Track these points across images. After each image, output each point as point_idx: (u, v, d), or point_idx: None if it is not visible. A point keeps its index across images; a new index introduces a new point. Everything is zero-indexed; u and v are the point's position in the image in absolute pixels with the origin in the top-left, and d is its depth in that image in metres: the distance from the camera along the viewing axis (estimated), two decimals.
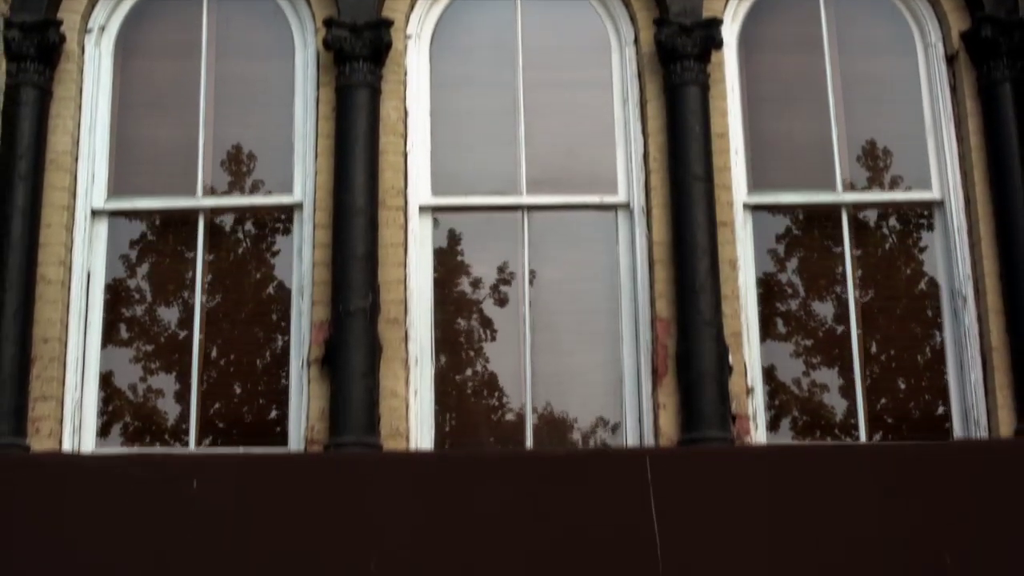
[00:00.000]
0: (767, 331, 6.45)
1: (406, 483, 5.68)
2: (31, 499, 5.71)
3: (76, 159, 6.49)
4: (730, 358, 6.18)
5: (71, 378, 6.26)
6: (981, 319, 6.33)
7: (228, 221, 6.56)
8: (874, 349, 6.47)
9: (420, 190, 6.50)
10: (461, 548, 5.55)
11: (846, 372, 6.41)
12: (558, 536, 5.58)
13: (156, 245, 6.56)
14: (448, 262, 6.51)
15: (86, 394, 6.30)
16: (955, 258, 6.45)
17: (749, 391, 6.24)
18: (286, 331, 6.37)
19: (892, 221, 6.64)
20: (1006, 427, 6.12)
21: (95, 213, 6.48)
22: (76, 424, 6.22)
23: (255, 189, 6.58)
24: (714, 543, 5.63)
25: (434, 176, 6.55)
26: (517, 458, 5.84)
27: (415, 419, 6.20)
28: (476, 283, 6.50)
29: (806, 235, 6.61)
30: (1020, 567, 5.54)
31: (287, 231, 6.50)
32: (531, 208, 6.55)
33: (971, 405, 6.27)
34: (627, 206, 6.50)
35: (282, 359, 6.36)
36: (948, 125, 6.59)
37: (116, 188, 6.56)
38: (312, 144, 6.47)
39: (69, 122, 6.49)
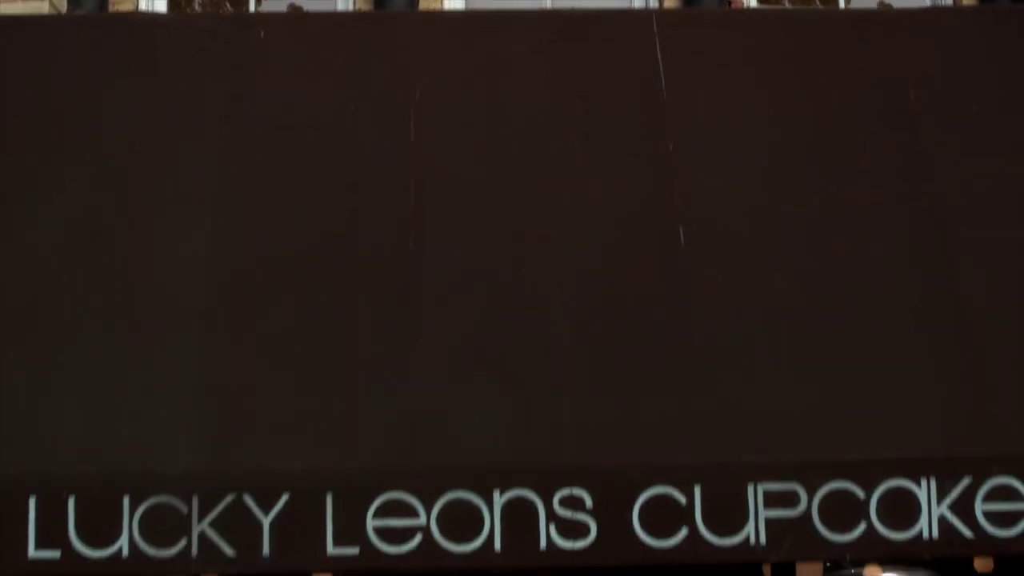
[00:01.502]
0: None
1: (442, 33, 6.55)
2: (114, 51, 6.56)
3: None
4: None
5: None
6: None
7: None
8: None
9: None
10: (488, 85, 6.41)
11: None
12: (576, 78, 6.42)
13: None
14: None
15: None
16: None
17: None
18: None
19: None
20: None
21: None
22: None
23: None
24: (713, 90, 6.44)
25: None
26: (538, 14, 6.69)
27: None
28: None
29: None
30: (973, 102, 6.36)
31: None
32: None
33: None
34: None
35: None
36: None
37: None
38: None
39: None
